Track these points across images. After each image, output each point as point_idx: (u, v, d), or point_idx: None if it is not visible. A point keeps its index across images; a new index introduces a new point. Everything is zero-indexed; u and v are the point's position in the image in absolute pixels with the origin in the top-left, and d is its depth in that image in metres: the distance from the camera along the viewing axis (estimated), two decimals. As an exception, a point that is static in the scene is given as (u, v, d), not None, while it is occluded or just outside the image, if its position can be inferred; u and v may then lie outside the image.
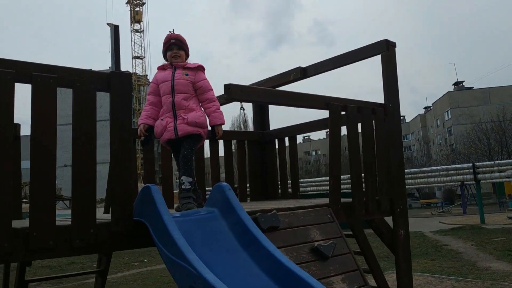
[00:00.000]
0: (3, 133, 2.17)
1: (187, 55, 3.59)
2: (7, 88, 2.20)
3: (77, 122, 2.40)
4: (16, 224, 2.32)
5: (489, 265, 10.21)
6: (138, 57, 75.46)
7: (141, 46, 73.21)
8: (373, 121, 3.96)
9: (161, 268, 13.31)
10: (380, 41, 4.06)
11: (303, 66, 4.82)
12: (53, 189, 2.29)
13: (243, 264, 2.38)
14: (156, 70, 3.60)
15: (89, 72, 2.49)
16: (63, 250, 2.34)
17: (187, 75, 3.43)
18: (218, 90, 3.51)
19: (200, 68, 3.50)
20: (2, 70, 2.18)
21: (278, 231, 2.96)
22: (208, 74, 3.50)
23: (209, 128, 3.41)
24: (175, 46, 3.50)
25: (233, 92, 2.91)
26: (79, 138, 2.40)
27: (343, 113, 3.70)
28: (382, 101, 4.19)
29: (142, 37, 72.13)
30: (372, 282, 4.58)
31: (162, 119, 3.35)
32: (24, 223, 2.40)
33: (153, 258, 15.68)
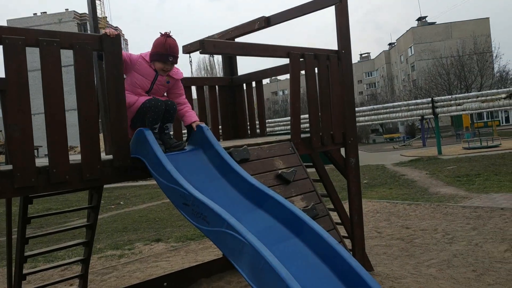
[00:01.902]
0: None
1: None
2: (20, 52, 2.65)
3: (79, 77, 2.89)
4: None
5: (438, 190, 11.37)
6: (96, -2, 72.33)
7: (98, -14, 70.02)
8: (328, 66, 4.54)
9: (137, 209, 14.06)
10: (334, -6, 4.56)
11: (266, 13, 5.31)
12: (65, 133, 2.82)
13: (223, 187, 3.01)
14: (138, 53, 3.45)
15: (85, 36, 2.94)
16: (76, 183, 2.91)
17: (168, 82, 3.50)
18: (181, 34, 3.63)
19: (180, 80, 3.59)
20: (14, 37, 2.62)
21: (248, 162, 3.58)
22: (169, 16, 3.60)
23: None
24: (172, 63, 3.40)
25: (207, 47, 3.38)
26: (82, 90, 2.90)
27: (301, 60, 4.26)
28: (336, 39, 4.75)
29: (99, -24, 68.88)
30: (330, 206, 5.37)
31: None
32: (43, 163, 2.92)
33: (128, 201, 16.39)
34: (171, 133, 3.51)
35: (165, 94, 3.62)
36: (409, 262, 5.66)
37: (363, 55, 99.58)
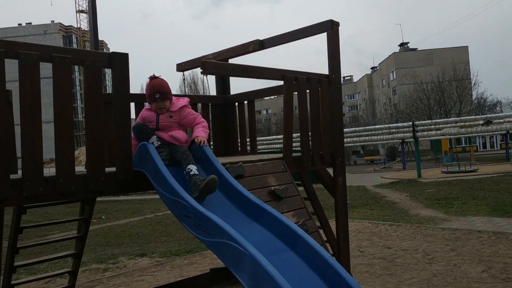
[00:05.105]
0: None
1: (171, 99, 3.63)
2: (33, 67, 2.79)
3: (88, 90, 3.04)
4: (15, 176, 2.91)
5: (418, 212, 11.66)
6: (82, 11, 72.25)
7: (85, -1, 70.00)
8: (319, 89, 4.76)
9: (119, 224, 13.99)
10: (326, 21, 4.80)
11: (258, 36, 5.54)
12: (73, 147, 2.95)
13: (220, 201, 3.16)
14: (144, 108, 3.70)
15: (95, 53, 3.10)
16: (82, 193, 3.03)
17: (171, 117, 3.59)
18: (168, 50, 3.70)
19: (184, 107, 3.63)
20: (30, 52, 2.76)
21: (243, 178, 3.73)
22: (152, 33, 3.72)
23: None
24: (160, 99, 3.53)
25: (207, 68, 3.56)
26: (91, 103, 3.05)
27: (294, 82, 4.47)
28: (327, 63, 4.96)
29: (87, -10, 68.87)
30: (317, 223, 5.53)
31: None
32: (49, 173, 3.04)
33: (110, 215, 16.29)
34: (196, 173, 3.28)
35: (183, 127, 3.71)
36: (390, 281, 5.84)
37: (345, 78, 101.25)
